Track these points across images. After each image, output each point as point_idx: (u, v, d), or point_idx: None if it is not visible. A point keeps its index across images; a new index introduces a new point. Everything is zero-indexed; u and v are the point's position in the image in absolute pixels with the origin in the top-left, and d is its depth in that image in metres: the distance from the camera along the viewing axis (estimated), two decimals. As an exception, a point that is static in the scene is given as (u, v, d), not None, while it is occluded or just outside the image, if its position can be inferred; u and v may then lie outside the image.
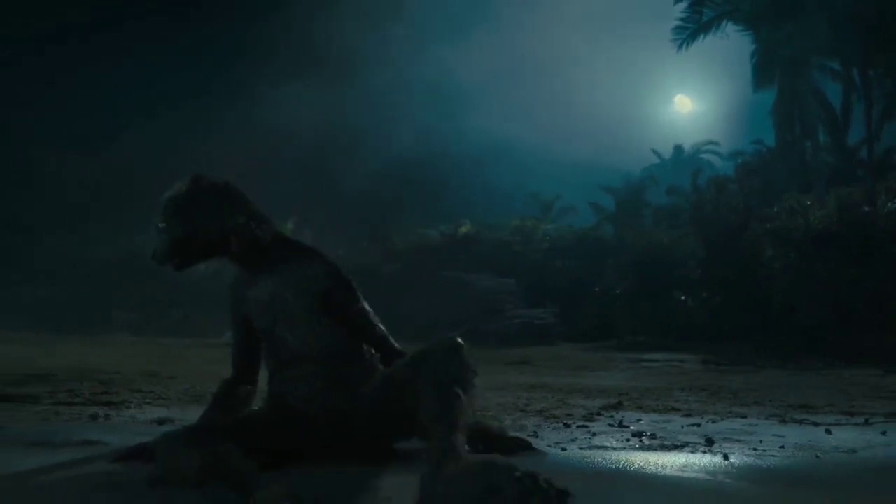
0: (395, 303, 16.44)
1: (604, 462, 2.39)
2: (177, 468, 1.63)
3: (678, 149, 27.58)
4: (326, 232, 24.18)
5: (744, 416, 3.75)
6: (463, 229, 23.04)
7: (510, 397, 4.32)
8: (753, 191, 17.15)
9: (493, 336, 12.44)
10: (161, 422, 2.88)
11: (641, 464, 2.33)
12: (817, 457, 2.58)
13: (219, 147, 25.66)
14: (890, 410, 4.30)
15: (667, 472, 2.22)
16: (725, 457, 2.55)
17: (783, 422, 3.61)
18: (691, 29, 19.12)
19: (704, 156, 27.54)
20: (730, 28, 19.25)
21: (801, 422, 3.59)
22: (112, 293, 15.29)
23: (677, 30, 19.26)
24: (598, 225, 24.23)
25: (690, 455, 2.57)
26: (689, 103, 42.94)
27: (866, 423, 3.67)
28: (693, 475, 2.18)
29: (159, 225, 2.00)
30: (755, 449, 2.71)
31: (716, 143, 27.38)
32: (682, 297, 14.52)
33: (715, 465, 2.35)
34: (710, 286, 14.07)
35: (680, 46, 19.29)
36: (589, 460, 2.42)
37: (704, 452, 2.62)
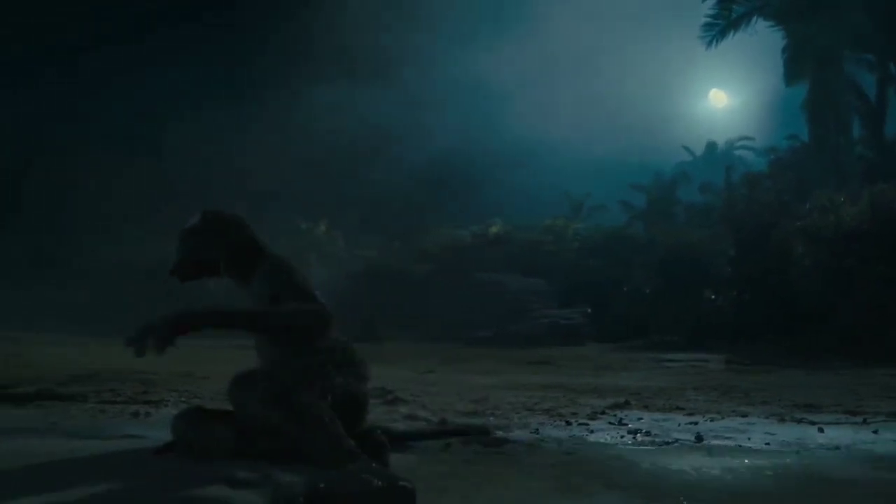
0: (426, 303, 16.79)
1: (589, 453, 2.64)
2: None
3: (711, 145, 27.32)
4: (359, 232, 24.60)
5: (745, 416, 3.93)
6: (493, 229, 23.25)
7: (523, 397, 4.55)
8: (787, 187, 17.02)
9: (520, 336, 12.63)
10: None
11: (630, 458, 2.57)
12: (797, 453, 2.78)
13: (256, 148, 26.26)
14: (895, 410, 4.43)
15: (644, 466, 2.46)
16: (710, 452, 2.78)
17: (782, 420, 3.78)
18: (720, 26, 19.01)
19: (738, 152, 27.27)
20: (760, 24, 19.08)
21: (799, 421, 3.76)
22: (149, 295, 15.86)
23: (706, 27, 19.17)
24: (629, 223, 24.19)
25: (675, 449, 2.79)
26: (724, 98, 42.44)
27: (864, 422, 3.82)
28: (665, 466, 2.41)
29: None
30: (740, 445, 2.91)
31: (750, 139, 27.09)
32: (712, 297, 14.52)
33: (694, 459, 2.58)
34: (740, 285, 14.04)
35: (709, 44, 19.21)
36: (575, 453, 2.67)
37: (690, 448, 2.83)
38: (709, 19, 19.24)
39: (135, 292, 16.93)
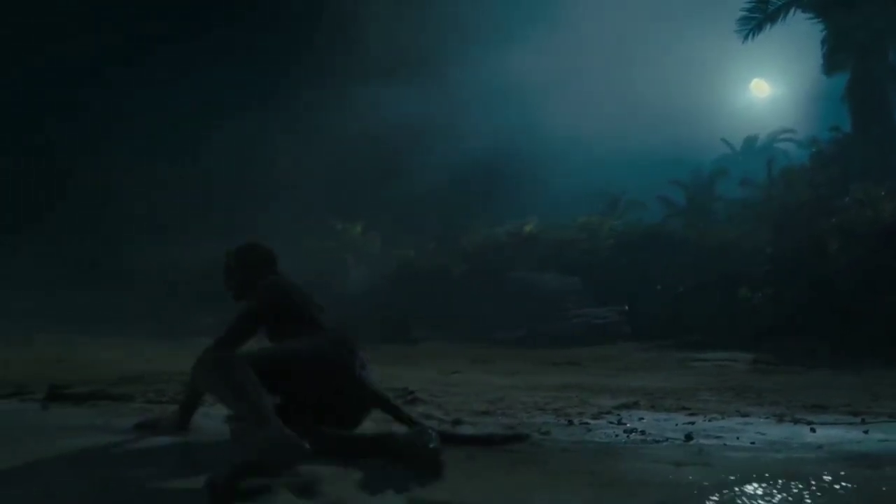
0: (460, 303, 17.10)
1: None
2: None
3: (751, 139, 26.99)
4: (395, 232, 25.02)
5: (747, 416, 4.15)
6: (528, 228, 23.40)
7: (538, 397, 4.83)
8: (825, 181, 16.85)
9: (551, 336, 12.84)
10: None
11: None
12: (777, 451, 3.01)
13: (294, 149, 26.86)
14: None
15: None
16: (700, 451, 3.03)
17: (781, 421, 3.98)
18: (757, 19, 18.87)
19: (780, 144, 26.86)
20: (798, 16, 18.88)
21: (797, 421, 3.96)
22: (193, 298, 16.52)
23: (743, 21, 19.03)
24: (667, 220, 24.09)
25: (661, 448, 3.06)
26: (766, 88, 41.67)
27: (862, 422, 4.00)
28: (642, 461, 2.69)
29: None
30: (725, 444, 3.15)
31: (792, 131, 26.66)
32: (749, 295, 14.50)
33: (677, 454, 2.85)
34: (775, 283, 14.01)
35: (746, 37, 19.07)
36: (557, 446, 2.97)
37: (677, 446, 3.09)
38: (745, 13, 19.14)
39: (179, 295, 17.67)
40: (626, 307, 16.82)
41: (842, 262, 12.54)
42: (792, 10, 19.09)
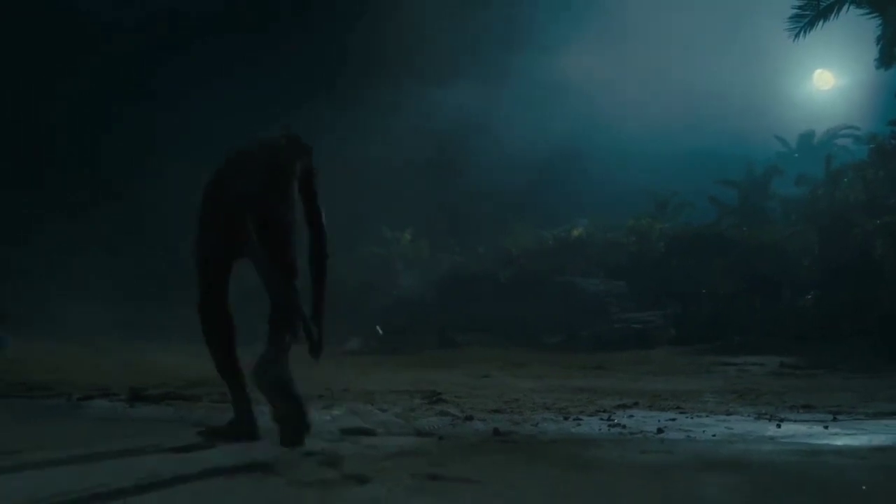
0: (505, 308, 17.79)
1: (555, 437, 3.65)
2: None
3: (807, 135, 26.65)
4: (444, 236, 25.81)
5: (731, 414, 4.75)
6: (576, 232, 23.93)
7: (551, 399, 5.52)
8: (879, 180, 16.82)
9: (591, 341, 13.41)
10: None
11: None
12: (730, 443, 3.63)
13: (341, 153, 27.82)
14: (886, 411, 5.07)
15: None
16: (662, 441, 3.70)
17: (758, 418, 4.57)
18: (809, 17, 18.84)
19: (840, 140, 26.45)
20: (852, 12, 18.76)
21: (772, 418, 4.55)
22: (249, 305, 17.67)
23: (794, 19, 18.98)
24: (719, 221, 24.17)
25: (631, 439, 3.73)
26: (830, 79, 40.79)
27: (834, 419, 4.55)
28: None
29: None
30: (689, 436, 3.79)
31: (855, 127, 26.19)
32: (793, 297, 14.73)
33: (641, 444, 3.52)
34: (821, 285, 14.22)
35: (796, 36, 19.03)
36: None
37: (645, 439, 3.75)
38: (796, 10, 19.10)
39: (238, 302, 18.84)
40: (673, 310, 17.21)
41: (888, 264, 12.71)
42: (846, 6, 19.00)
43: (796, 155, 26.16)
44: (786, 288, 15.00)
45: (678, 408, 5.04)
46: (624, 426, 4.12)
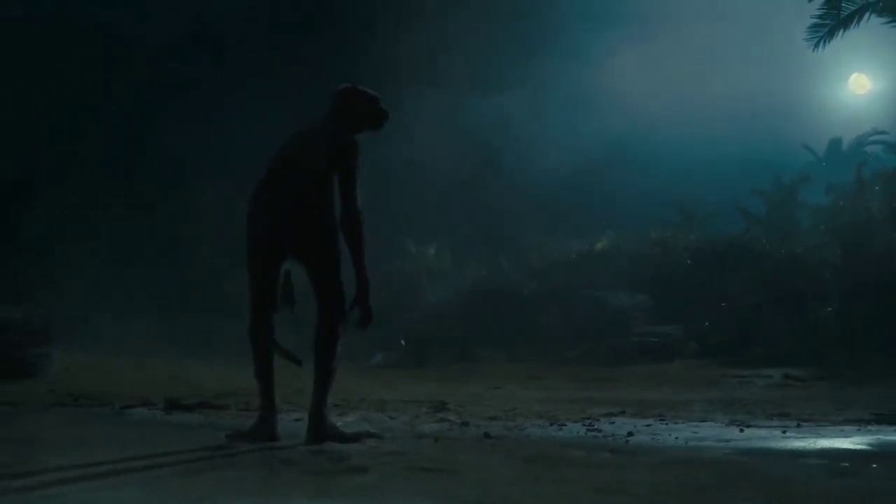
0: (527, 321, 18.32)
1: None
2: None
3: (835, 142, 26.69)
4: (469, 249, 26.33)
5: (704, 421, 5.31)
6: (600, 245, 24.33)
7: (546, 407, 6.12)
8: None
9: (609, 354, 13.88)
10: (297, 420, 5.08)
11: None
12: (685, 444, 4.21)
13: (385, 160, 28.39)
14: (864, 418, 5.56)
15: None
16: (627, 442, 4.29)
17: (730, 425, 5.12)
18: (829, 26, 19.13)
19: (870, 147, 26.51)
20: (873, 21, 19.01)
21: (739, 424, 5.09)
22: (276, 321, 18.39)
23: (813, 28, 19.29)
24: (747, 231, 24.35)
25: (601, 442, 4.32)
26: (867, 83, 40.51)
27: (798, 426, 5.08)
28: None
29: None
30: (654, 438, 4.38)
31: (884, 133, 26.23)
32: (816, 309, 15.02)
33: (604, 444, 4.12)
34: (844, 297, 14.50)
35: (816, 46, 19.34)
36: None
37: (613, 442, 4.34)
38: (816, 20, 19.40)
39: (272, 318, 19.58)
40: (696, 324, 17.52)
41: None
42: (867, 15, 19.26)
43: (824, 163, 26.24)
44: (810, 300, 15.27)
45: (660, 416, 5.61)
46: (600, 431, 4.71)
